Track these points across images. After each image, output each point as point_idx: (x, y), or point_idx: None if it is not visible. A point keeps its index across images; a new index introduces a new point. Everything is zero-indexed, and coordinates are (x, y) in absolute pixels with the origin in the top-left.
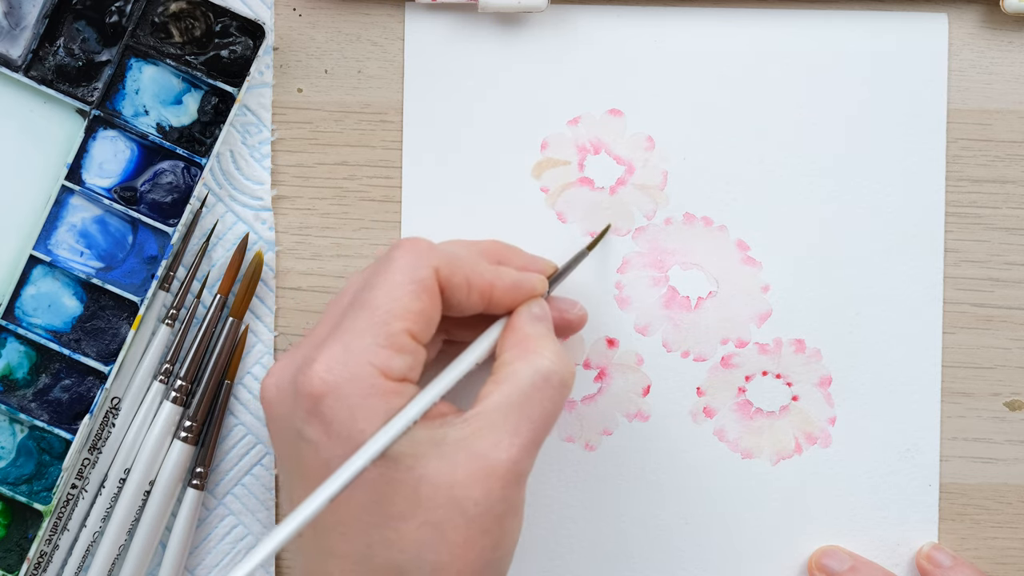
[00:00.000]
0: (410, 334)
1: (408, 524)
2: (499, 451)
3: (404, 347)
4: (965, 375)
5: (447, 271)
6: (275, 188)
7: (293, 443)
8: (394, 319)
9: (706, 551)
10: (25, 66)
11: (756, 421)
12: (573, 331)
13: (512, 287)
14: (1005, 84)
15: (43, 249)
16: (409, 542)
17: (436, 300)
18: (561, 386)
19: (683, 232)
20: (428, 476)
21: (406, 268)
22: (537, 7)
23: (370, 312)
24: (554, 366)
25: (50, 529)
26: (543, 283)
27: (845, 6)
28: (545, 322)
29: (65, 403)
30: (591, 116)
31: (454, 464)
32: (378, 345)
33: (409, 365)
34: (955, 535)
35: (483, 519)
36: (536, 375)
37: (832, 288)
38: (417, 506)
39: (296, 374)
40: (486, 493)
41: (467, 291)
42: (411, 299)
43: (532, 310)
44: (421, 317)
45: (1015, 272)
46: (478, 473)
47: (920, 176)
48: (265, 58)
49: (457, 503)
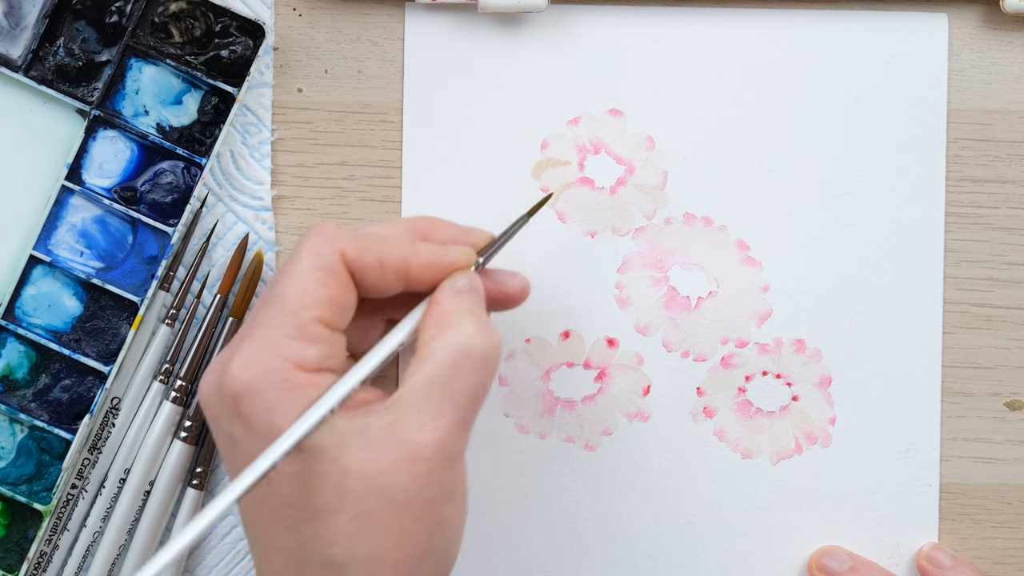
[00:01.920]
0: (321, 322)
1: (338, 518)
2: (423, 434)
3: (317, 336)
4: (965, 375)
5: (355, 253)
6: (275, 188)
7: (225, 444)
8: (302, 309)
9: (706, 551)
10: (25, 66)
11: (756, 421)
12: (515, 303)
13: (430, 262)
14: (1005, 84)
15: (43, 249)
16: (340, 536)
17: (346, 285)
18: (484, 360)
19: (683, 232)
20: (353, 466)
21: (311, 255)
22: (537, 7)
23: (278, 304)
24: (472, 340)
25: (50, 529)
26: (467, 255)
27: (845, 6)
28: (470, 295)
29: (65, 403)
30: (591, 116)
31: (378, 451)
32: (289, 336)
33: (324, 353)
34: (955, 535)
35: (413, 506)
36: (454, 351)
37: (832, 288)
38: (344, 498)
39: (220, 375)
40: (412, 478)
41: (380, 270)
42: (318, 286)
43: (456, 283)
44: (331, 304)
45: (1015, 272)
46: (403, 459)
47: (920, 176)
48: (265, 58)
49: (384, 492)
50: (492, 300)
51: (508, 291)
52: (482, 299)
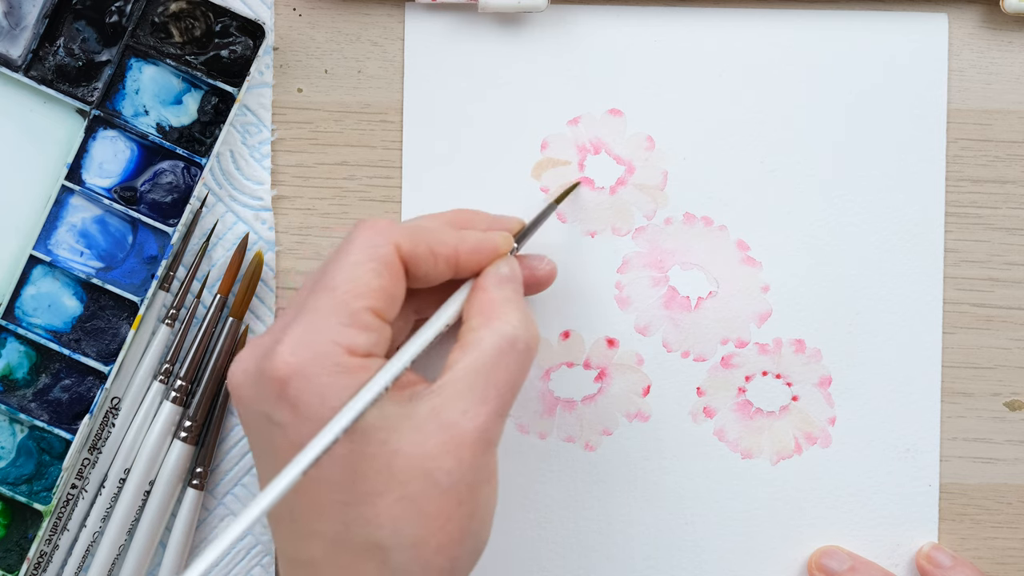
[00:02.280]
0: (373, 311)
1: (384, 500)
2: (467, 419)
3: (368, 325)
4: (965, 375)
5: (409, 244)
6: (275, 188)
7: (264, 428)
8: (355, 298)
9: (706, 551)
10: (25, 66)
11: (756, 421)
12: (543, 287)
13: (476, 248)
14: (1005, 84)
15: (43, 249)
16: (386, 518)
17: (398, 276)
18: (526, 351)
19: (683, 232)
20: (401, 449)
21: (365, 246)
22: (537, 7)
23: (331, 292)
24: (518, 331)
25: (50, 529)
26: (507, 240)
27: (845, 6)
28: (513, 283)
29: (65, 403)
30: (591, 116)
31: (425, 435)
32: (341, 324)
33: (374, 342)
34: (955, 535)
35: (457, 489)
36: (502, 340)
37: (832, 288)
38: (391, 480)
39: (261, 359)
40: (458, 463)
41: (433, 259)
42: (371, 276)
43: (500, 271)
44: (383, 294)
45: (1015, 272)
46: (449, 443)
47: (920, 176)
48: (265, 58)
49: (430, 475)
50: (524, 285)
51: (538, 275)
52: (521, 286)
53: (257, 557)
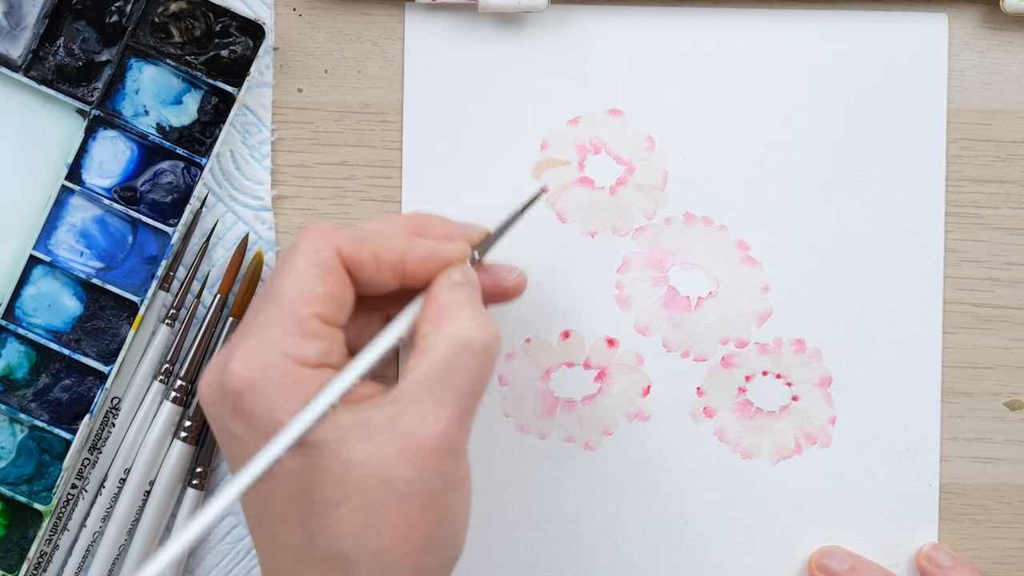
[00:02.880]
0: (320, 318)
1: (342, 510)
2: (426, 426)
3: (315, 332)
4: (965, 375)
5: (350, 249)
6: (275, 188)
7: (226, 440)
8: (301, 305)
9: (706, 551)
10: (25, 66)
11: (756, 421)
12: (511, 297)
13: (426, 257)
14: (1005, 84)
15: (43, 249)
16: (346, 528)
17: (343, 281)
18: (483, 351)
19: (683, 232)
20: (356, 459)
21: (308, 252)
22: (537, 7)
23: (276, 302)
24: (471, 332)
25: (50, 529)
26: (462, 250)
27: (845, 6)
28: (467, 288)
29: (65, 403)
30: (591, 116)
31: (382, 445)
32: (288, 334)
33: (324, 350)
34: (955, 535)
35: (419, 497)
36: (455, 343)
37: (832, 288)
38: (348, 491)
39: (220, 373)
40: (418, 471)
41: (376, 266)
42: (316, 283)
43: (451, 277)
44: (329, 300)
45: (1015, 272)
46: (407, 451)
47: (920, 176)
48: (265, 58)
49: (388, 484)
50: (489, 294)
51: (505, 285)
52: (478, 292)
53: None
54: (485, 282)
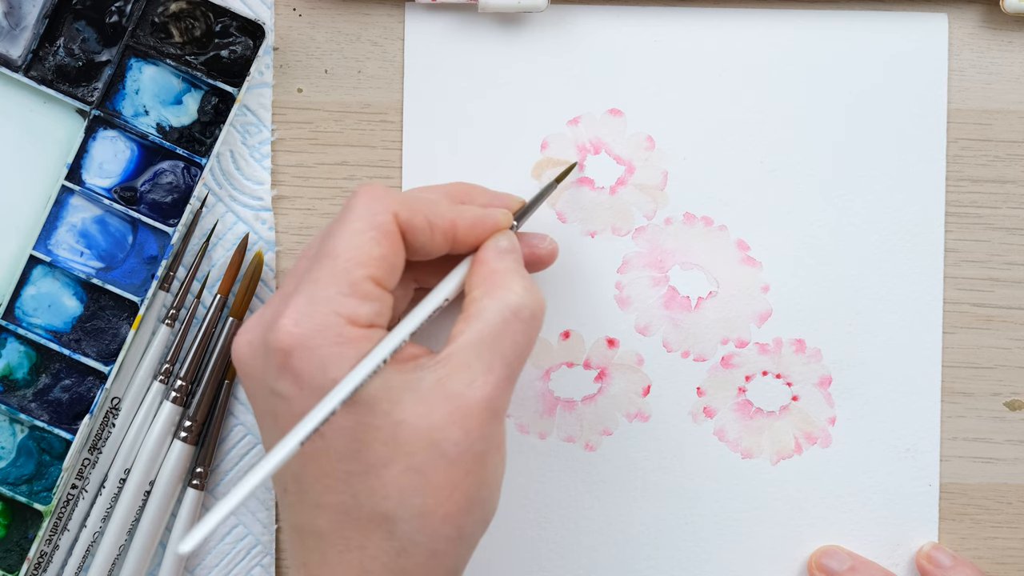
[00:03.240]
0: (374, 280)
1: (390, 470)
2: (474, 389)
3: (369, 294)
4: (965, 375)
5: (406, 213)
6: (275, 188)
7: (268, 400)
8: (356, 266)
9: (706, 551)
10: (25, 66)
11: (756, 421)
12: (544, 265)
13: (475, 223)
14: (1005, 84)
15: (43, 249)
16: (393, 488)
17: (397, 244)
18: (531, 319)
19: (683, 232)
20: (406, 420)
21: (364, 215)
22: (537, 7)
23: (331, 261)
24: (522, 300)
25: (50, 529)
26: (507, 217)
27: (845, 6)
28: (513, 255)
29: (65, 403)
30: (591, 116)
31: (431, 406)
32: (342, 294)
33: (376, 311)
34: (955, 535)
35: (464, 459)
36: (505, 309)
37: (832, 288)
38: (397, 451)
39: (265, 331)
40: (465, 433)
41: (430, 231)
42: (371, 245)
43: (499, 244)
44: (383, 263)
45: (1015, 272)
46: (455, 413)
47: (920, 176)
48: (265, 58)
49: (437, 445)
50: (525, 262)
51: (539, 252)
52: (521, 259)
53: (257, 557)
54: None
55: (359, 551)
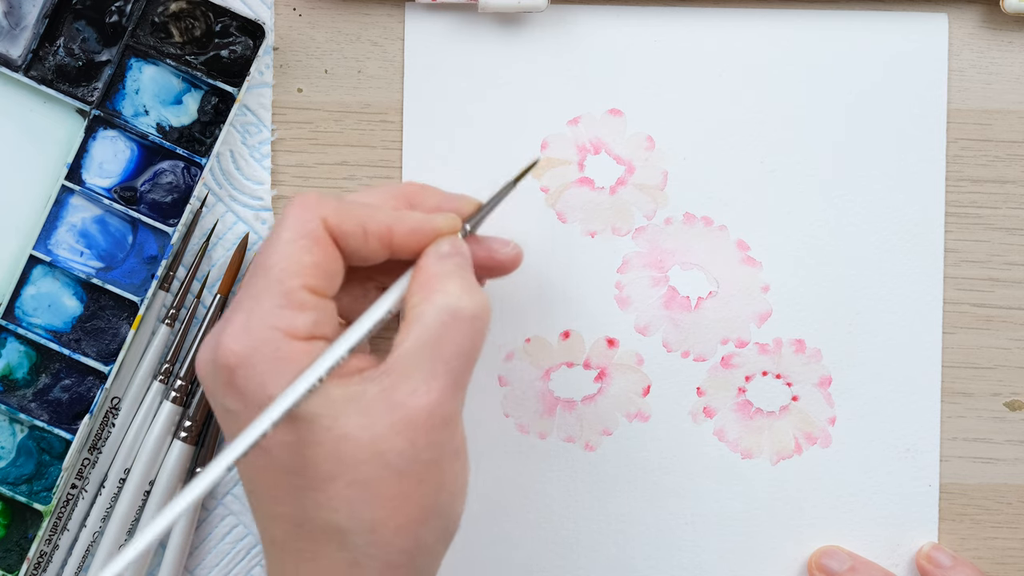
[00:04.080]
0: (309, 289)
1: (335, 484)
2: (416, 398)
3: (304, 303)
4: (965, 375)
5: (336, 219)
6: (275, 188)
7: (223, 416)
8: (288, 277)
9: (706, 551)
10: (25, 66)
11: (756, 421)
12: (506, 271)
13: (414, 229)
14: (1005, 84)
15: (43, 249)
16: (341, 501)
17: (330, 251)
18: (472, 319)
19: (683, 232)
20: (348, 434)
21: (294, 224)
22: (537, 7)
23: (264, 273)
24: (460, 301)
25: (50, 529)
26: (451, 222)
27: (845, 6)
28: (455, 259)
29: (65, 403)
30: (591, 116)
31: (373, 418)
32: (278, 307)
33: (314, 321)
34: (955, 535)
35: (413, 469)
36: (442, 313)
37: (832, 288)
38: (340, 465)
39: (213, 349)
40: (410, 443)
41: (363, 236)
42: (302, 253)
43: (440, 248)
44: (317, 270)
45: (1015, 272)
46: (398, 424)
47: (920, 176)
48: (265, 58)
49: (381, 457)
50: (483, 267)
51: (498, 257)
52: (468, 263)
53: (257, 557)
54: (478, 254)
55: (313, 563)
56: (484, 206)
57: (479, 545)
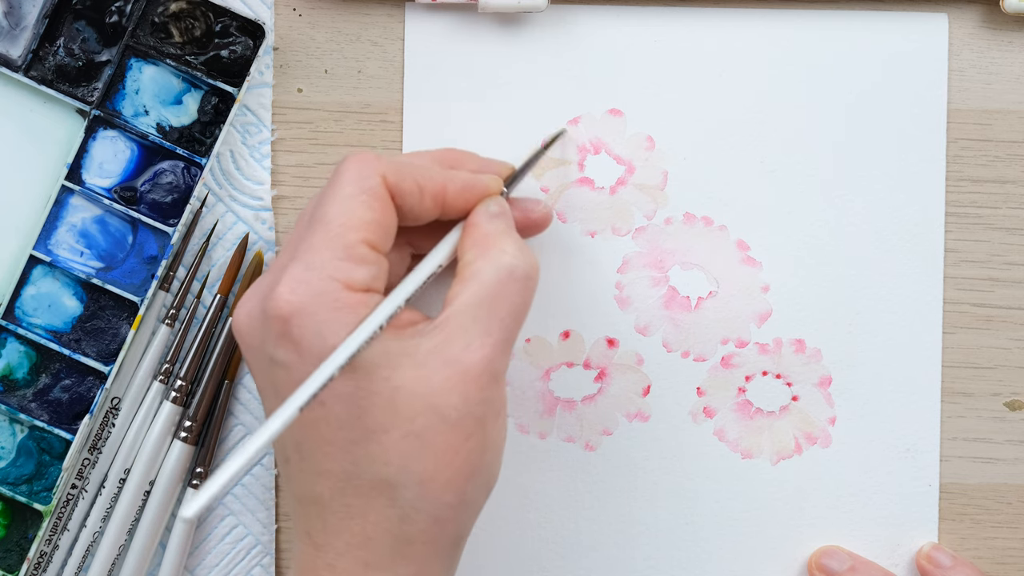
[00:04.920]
0: (368, 244)
1: (390, 436)
2: (471, 353)
3: (364, 258)
4: (965, 375)
5: (395, 177)
6: (275, 188)
7: (268, 370)
8: (349, 231)
9: (706, 551)
10: (25, 66)
11: (756, 421)
12: (539, 229)
13: (465, 187)
14: (1005, 84)
15: (43, 249)
16: (393, 454)
17: (389, 208)
18: (526, 279)
19: (683, 232)
20: (404, 386)
21: (354, 179)
22: (537, 7)
23: (324, 227)
24: (516, 260)
25: (50, 529)
26: (497, 182)
27: (845, 6)
28: (504, 218)
29: (65, 403)
30: (591, 116)
31: (429, 371)
32: (337, 259)
33: (372, 275)
34: (955, 535)
35: (464, 424)
36: (500, 271)
37: (832, 288)
38: (396, 417)
39: (263, 300)
40: (464, 397)
41: (419, 195)
42: (363, 209)
43: (489, 208)
44: (376, 226)
45: (1015, 272)
46: (454, 378)
47: (920, 176)
48: (265, 58)
49: (436, 410)
50: (518, 227)
51: (532, 216)
52: (513, 223)
53: (257, 557)
54: (515, 215)
55: (361, 518)
56: (519, 170)
57: (479, 544)
